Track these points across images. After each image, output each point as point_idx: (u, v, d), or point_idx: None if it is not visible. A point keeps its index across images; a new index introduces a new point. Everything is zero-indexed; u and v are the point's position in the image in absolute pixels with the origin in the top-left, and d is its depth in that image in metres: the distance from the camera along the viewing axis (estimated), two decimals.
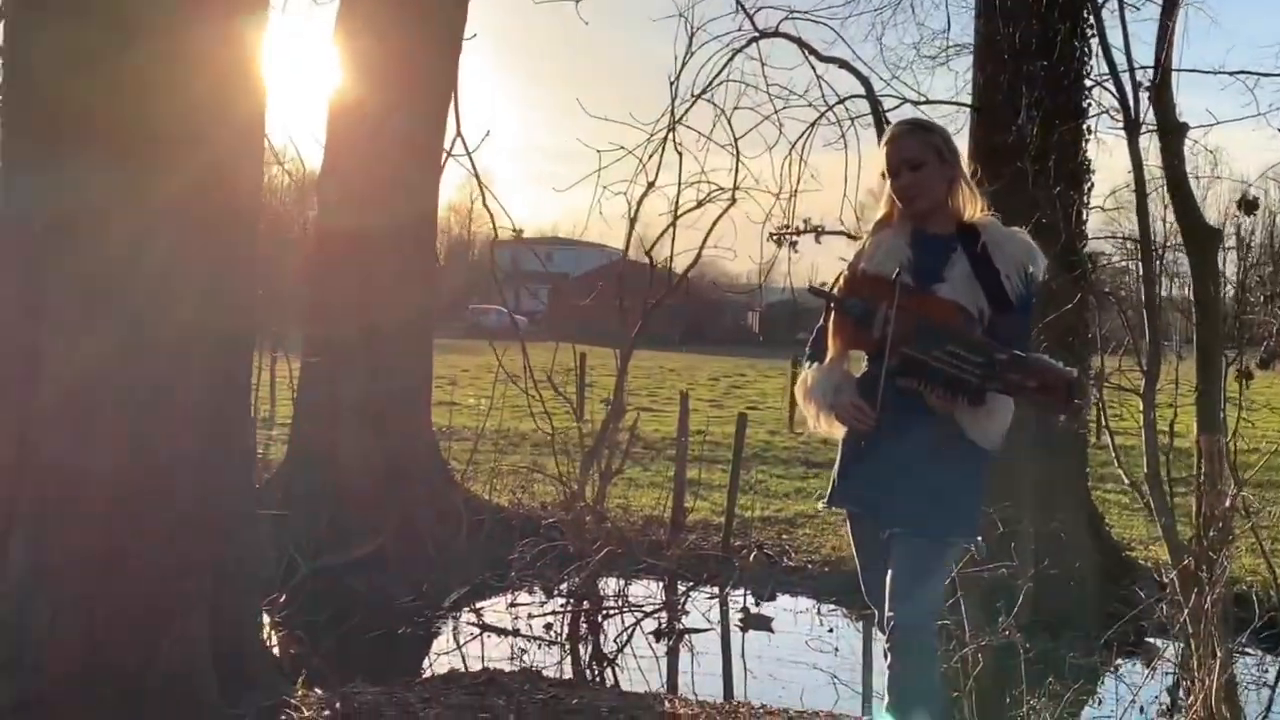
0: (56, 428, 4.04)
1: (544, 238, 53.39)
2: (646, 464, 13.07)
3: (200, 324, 4.16)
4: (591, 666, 7.43)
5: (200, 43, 4.19)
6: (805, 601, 8.93)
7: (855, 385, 3.52)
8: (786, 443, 16.49)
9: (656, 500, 10.82)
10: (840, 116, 9.15)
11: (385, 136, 9.36)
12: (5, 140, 4.34)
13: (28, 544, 4.01)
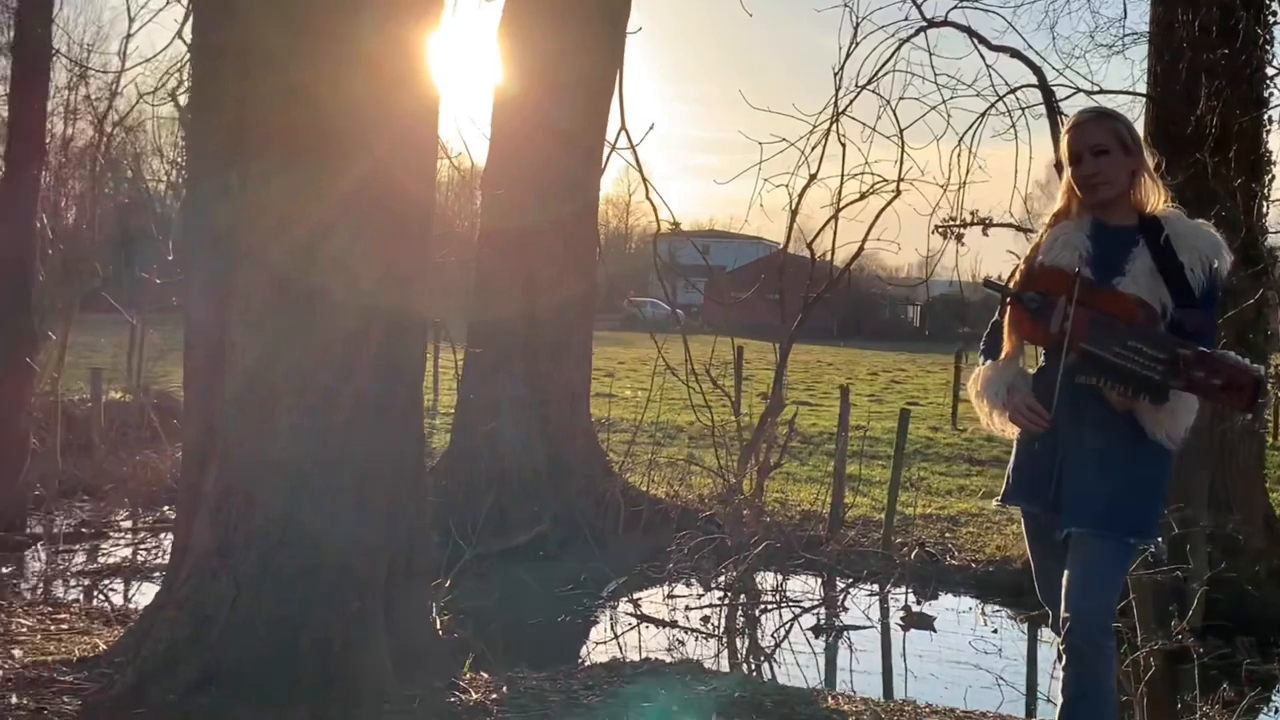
0: (240, 415, 4.20)
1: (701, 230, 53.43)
2: (804, 459, 12.99)
3: (375, 315, 4.28)
4: (749, 660, 7.43)
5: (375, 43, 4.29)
6: (968, 601, 8.78)
7: (1030, 383, 3.44)
8: (949, 439, 16.22)
9: (815, 495, 10.76)
10: (1010, 106, 8.95)
11: (548, 132, 9.49)
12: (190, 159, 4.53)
13: (213, 525, 4.17)
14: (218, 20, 4.53)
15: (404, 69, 4.43)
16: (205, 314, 4.45)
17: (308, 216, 4.21)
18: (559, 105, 9.44)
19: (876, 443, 14.00)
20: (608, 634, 7.76)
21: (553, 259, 9.71)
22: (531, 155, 9.53)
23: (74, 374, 13.07)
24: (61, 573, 8.45)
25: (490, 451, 9.43)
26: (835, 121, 8.85)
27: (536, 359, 9.77)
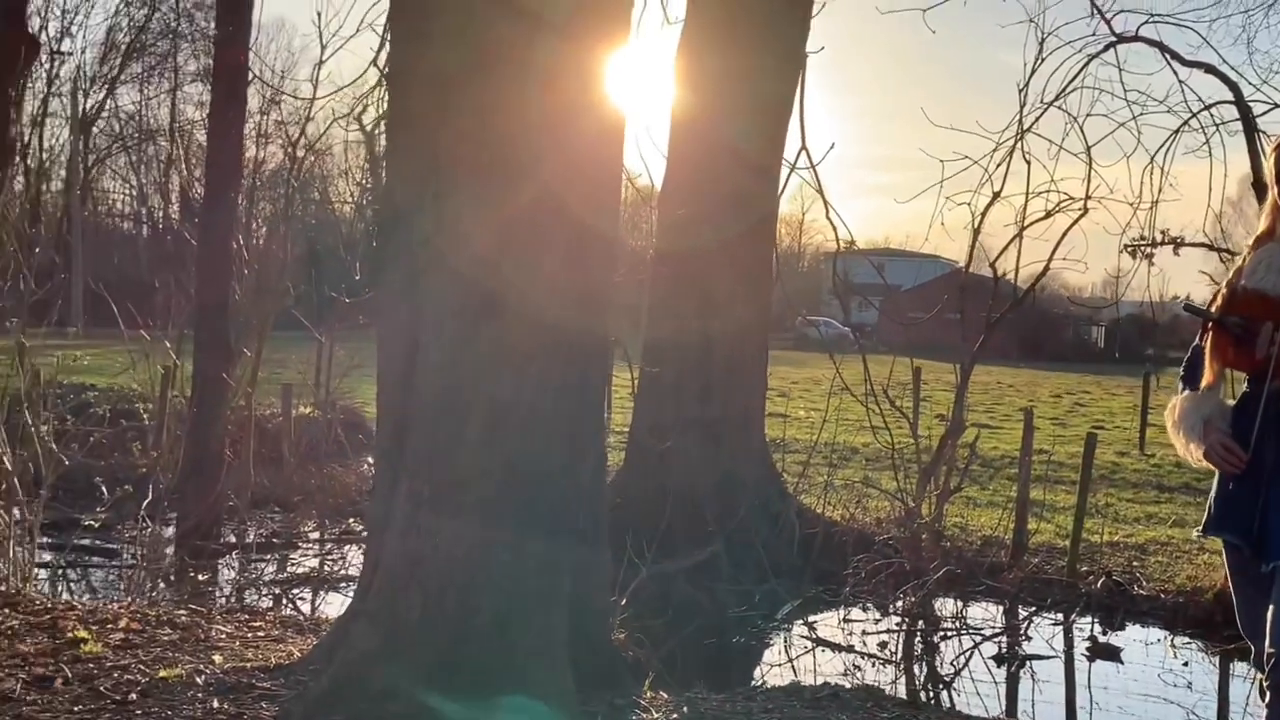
0: (429, 428, 4.30)
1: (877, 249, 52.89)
2: (985, 482, 12.70)
3: (560, 332, 4.33)
4: (928, 688, 7.29)
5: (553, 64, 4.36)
6: (1157, 632, 8.45)
7: (1228, 417, 3.30)
8: (1137, 465, 15.66)
9: (996, 521, 10.50)
10: (1204, 123, 8.64)
11: (726, 152, 9.50)
12: (386, 181, 4.68)
13: (403, 536, 4.28)
14: (412, 47, 4.67)
15: (584, 90, 4.49)
16: (396, 330, 4.58)
17: (493, 235, 4.30)
18: (737, 125, 9.45)
19: (1060, 467, 13.60)
20: (782, 657, 7.71)
21: (728, 278, 9.72)
22: (709, 175, 9.56)
23: (265, 389, 13.59)
24: (254, 581, 8.78)
25: (664, 470, 9.46)
26: (1020, 138, 8.68)
27: (711, 378, 9.78)
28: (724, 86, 9.52)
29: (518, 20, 4.29)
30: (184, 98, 53.43)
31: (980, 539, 10.04)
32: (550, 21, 4.32)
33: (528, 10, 4.28)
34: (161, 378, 11.95)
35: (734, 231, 9.50)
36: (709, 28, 9.67)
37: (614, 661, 4.83)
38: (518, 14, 4.28)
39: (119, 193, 57.20)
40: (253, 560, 9.30)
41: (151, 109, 54.46)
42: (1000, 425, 19.55)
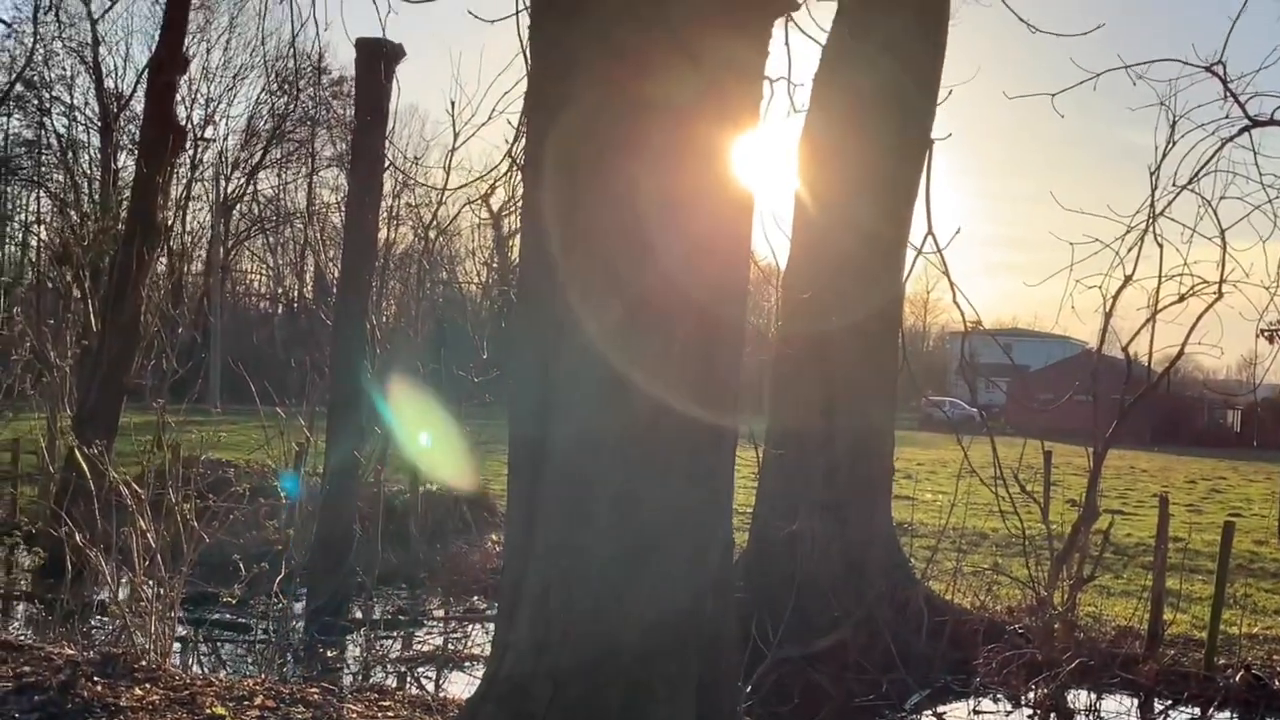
0: (559, 514, 4.36)
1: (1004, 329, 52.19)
2: (1119, 571, 12.35)
3: (688, 417, 4.37)
4: None
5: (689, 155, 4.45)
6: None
7: None
8: (1276, 554, 15.10)
9: (1131, 611, 10.20)
10: None
11: (851, 234, 9.52)
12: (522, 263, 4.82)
13: (531, 623, 4.33)
14: (546, 136, 4.79)
15: (709, 174, 4.56)
16: (527, 413, 4.66)
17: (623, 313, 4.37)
18: (862, 208, 9.46)
19: (1197, 556, 13.18)
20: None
21: (853, 360, 9.68)
22: (833, 257, 9.57)
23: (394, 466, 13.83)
24: (380, 658, 8.89)
25: (789, 554, 9.38)
26: (1152, 222, 8.55)
27: (836, 460, 9.71)
28: (848, 170, 9.57)
29: (647, 110, 4.39)
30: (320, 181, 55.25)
31: (1114, 629, 9.76)
32: (678, 110, 4.41)
33: (656, 100, 4.38)
34: (296, 455, 12.25)
35: (859, 314, 9.48)
36: (833, 114, 9.73)
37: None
38: (647, 104, 4.39)
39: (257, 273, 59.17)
40: (380, 637, 9.43)
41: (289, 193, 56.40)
42: (1134, 511, 19.03)
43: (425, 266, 16.28)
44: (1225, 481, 28.68)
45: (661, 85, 4.33)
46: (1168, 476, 28.92)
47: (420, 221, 28.65)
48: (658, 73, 4.34)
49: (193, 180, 49.62)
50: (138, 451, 10.84)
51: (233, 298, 53.94)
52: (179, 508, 7.47)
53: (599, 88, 4.44)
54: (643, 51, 4.38)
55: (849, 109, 9.68)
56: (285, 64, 48.83)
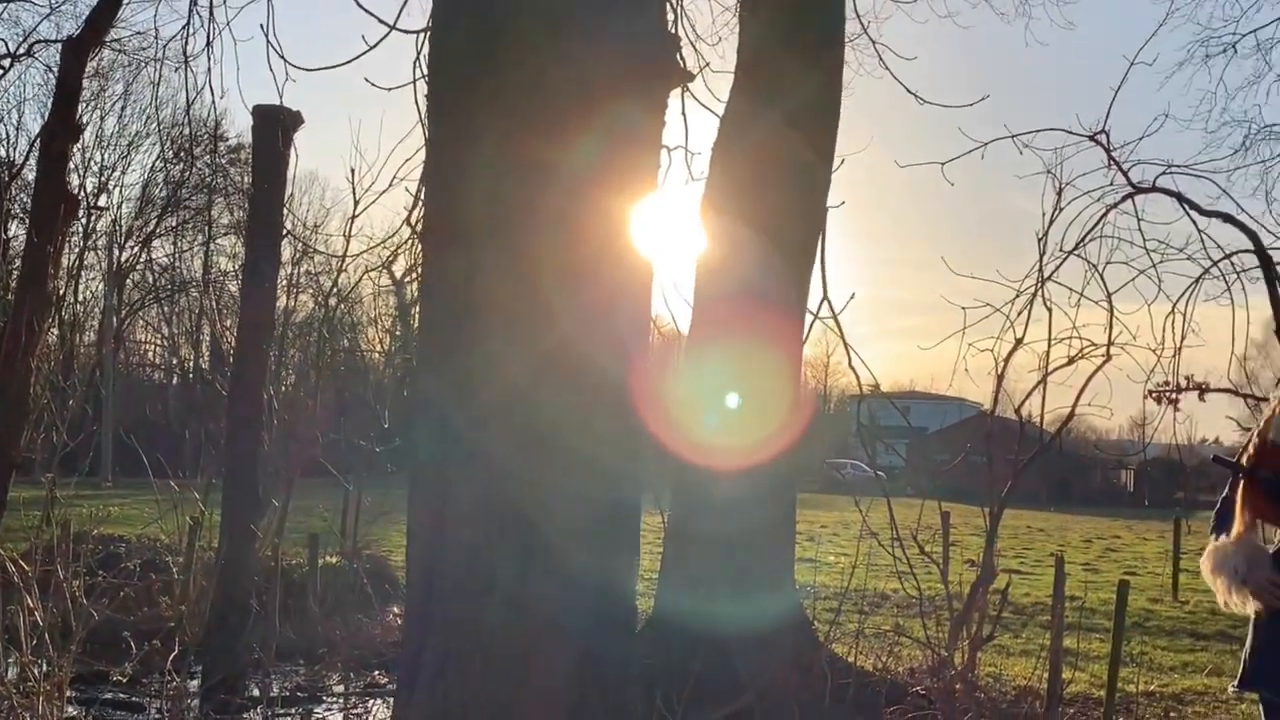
0: (460, 581, 4.30)
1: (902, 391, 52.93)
2: (1018, 630, 12.51)
3: (590, 486, 4.36)
4: None
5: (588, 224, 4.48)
6: None
7: (1270, 560, 3.29)
8: (1170, 612, 15.42)
9: (1030, 669, 10.32)
10: (1225, 271, 8.73)
11: (751, 299, 9.62)
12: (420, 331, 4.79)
13: (430, 696, 4.25)
14: (443, 204, 4.79)
15: (616, 245, 4.59)
16: (426, 482, 4.60)
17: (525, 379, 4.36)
18: (761, 274, 9.59)
19: (1093, 614, 13.41)
20: None
21: (753, 425, 9.74)
22: (734, 322, 9.66)
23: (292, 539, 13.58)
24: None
25: (695, 620, 9.35)
26: (1041, 286, 8.78)
27: (741, 524, 9.72)
28: (747, 237, 9.69)
29: (545, 176, 4.42)
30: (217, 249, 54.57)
31: (1014, 689, 9.86)
32: (576, 177, 4.44)
33: (555, 167, 4.40)
34: (190, 529, 11.97)
35: (758, 378, 9.56)
36: (733, 182, 9.88)
37: None
38: (545, 170, 4.41)
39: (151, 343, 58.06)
40: (277, 715, 9.20)
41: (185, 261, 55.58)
42: (1032, 571, 19.33)
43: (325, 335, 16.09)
44: (1120, 540, 29.27)
45: (560, 151, 4.36)
46: (1064, 535, 29.43)
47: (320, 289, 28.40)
48: (556, 139, 4.37)
49: (85, 249, 48.75)
50: (26, 527, 10.51)
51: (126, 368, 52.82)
52: (68, 584, 7.25)
53: (496, 154, 4.45)
54: (540, 118, 4.41)
55: (748, 177, 9.82)
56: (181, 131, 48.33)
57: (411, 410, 4.74)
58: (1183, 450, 10.13)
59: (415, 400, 4.78)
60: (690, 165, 9.99)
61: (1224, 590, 3.37)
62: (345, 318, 26.09)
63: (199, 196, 52.85)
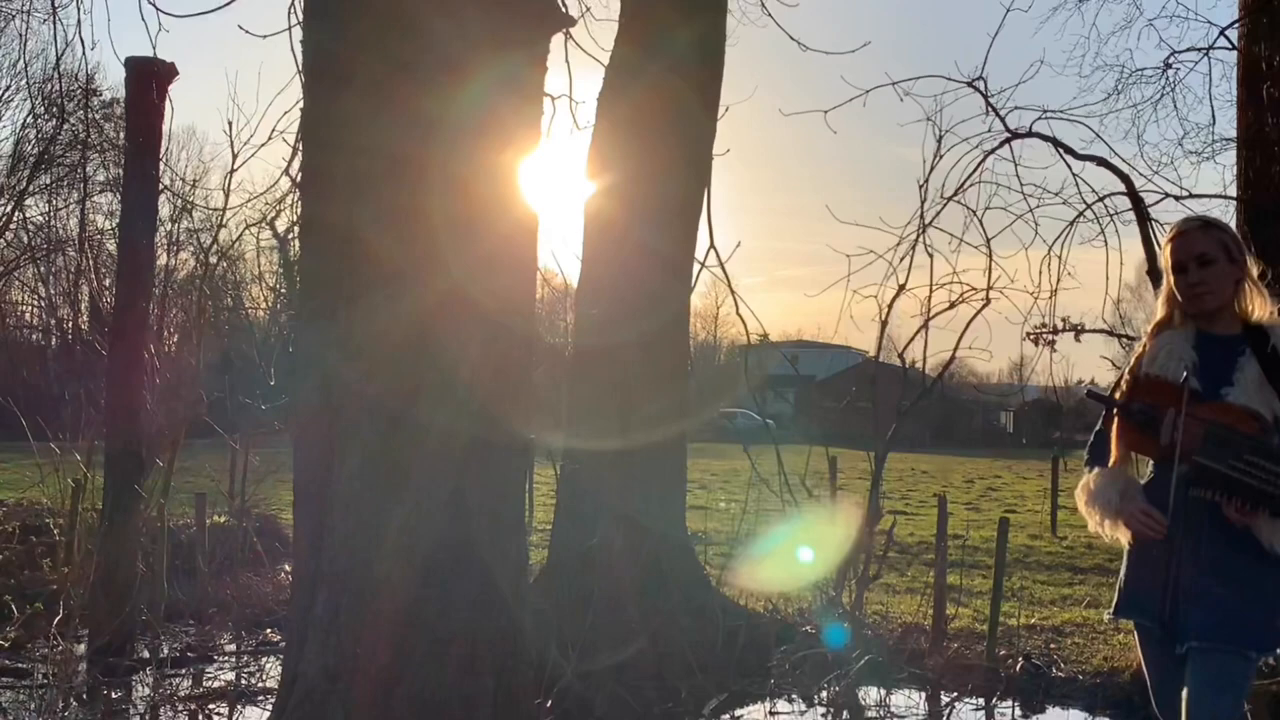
0: (347, 536, 4.29)
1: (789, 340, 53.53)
2: (903, 569, 12.81)
3: (480, 434, 4.37)
4: None
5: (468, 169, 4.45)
6: (1077, 714, 8.54)
7: (1141, 491, 3.41)
8: (1049, 548, 15.91)
9: (916, 607, 10.59)
10: (1099, 214, 8.96)
11: (637, 248, 9.65)
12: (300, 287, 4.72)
13: (322, 651, 4.24)
14: (323, 155, 4.72)
15: (499, 194, 4.58)
16: (312, 434, 4.57)
17: (410, 330, 4.34)
18: (648, 224, 9.61)
19: (976, 552, 13.78)
20: None
21: (644, 374, 9.80)
22: (622, 273, 9.68)
23: (179, 499, 13.35)
24: (169, 697, 8.55)
25: (588, 568, 9.42)
26: (922, 233, 8.93)
27: (632, 473, 9.80)
28: (633, 187, 9.70)
29: (426, 126, 4.38)
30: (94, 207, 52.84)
31: (901, 626, 10.11)
32: (457, 126, 4.41)
33: (435, 117, 4.36)
34: (72, 491, 11.70)
35: (649, 328, 9.61)
36: (617, 132, 9.86)
37: None
38: (426, 122, 4.37)
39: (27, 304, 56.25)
40: (168, 676, 9.07)
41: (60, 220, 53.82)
42: (916, 511, 19.76)
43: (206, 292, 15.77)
44: (1000, 480, 30.04)
45: (440, 100, 4.33)
46: (947, 477, 30.12)
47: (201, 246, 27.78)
48: (435, 87, 4.33)
49: None
50: None
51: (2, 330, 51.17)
52: None
53: (375, 103, 4.40)
54: (419, 66, 4.36)
55: (634, 127, 9.81)
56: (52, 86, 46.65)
57: (297, 366, 4.68)
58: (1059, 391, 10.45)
59: (300, 355, 4.73)
60: (575, 114, 9.97)
61: (1098, 521, 3.49)
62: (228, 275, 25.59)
63: (73, 153, 51.13)
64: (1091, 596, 11.84)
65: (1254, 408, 3.22)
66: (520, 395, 4.71)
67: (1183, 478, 3.22)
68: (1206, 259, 3.38)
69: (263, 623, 10.58)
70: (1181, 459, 3.22)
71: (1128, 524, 3.38)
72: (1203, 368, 3.33)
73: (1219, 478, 3.13)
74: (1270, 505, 3.07)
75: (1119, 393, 3.48)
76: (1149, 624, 3.44)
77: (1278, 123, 8.42)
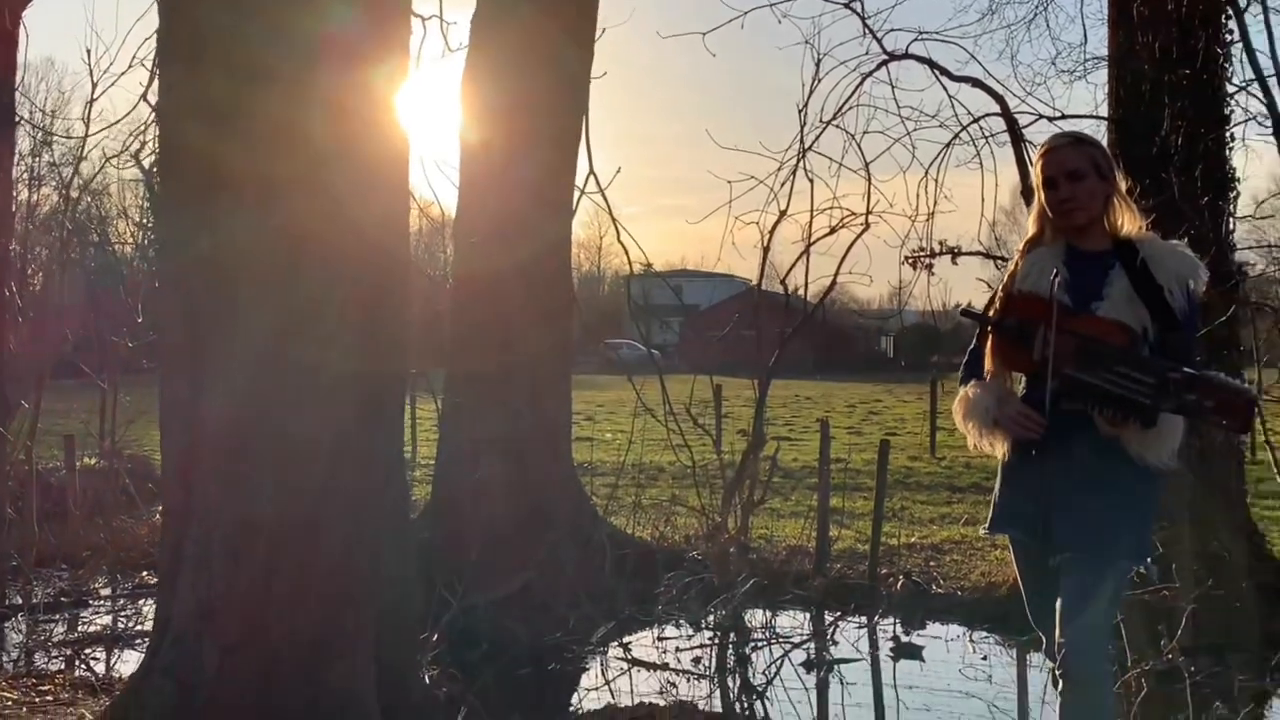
0: (218, 473, 4.16)
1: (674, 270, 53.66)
2: (787, 494, 12.97)
3: (353, 366, 4.25)
4: (742, 699, 7.38)
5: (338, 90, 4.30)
6: (956, 629, 8.76)
7: (1018, 400, 3.44)
8: (929, 468, 16.25)
9: (800, 530, 10.74)
10: (975, 136, 9.03)
11: (515, 178, 9.49)
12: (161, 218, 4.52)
13: (194, 589, 4.12)
14: (183, 80, 4.52)
15: (369, 115, 4.43)
16: (179, 373, 4.41)
17: (279, 264, 4.20)
18: (525, 151, 9.45)
19: (858, 474, 14.00)
20: (599, 680, 7.70)
21: (526, 305, 9.68)
22: (499, 201, 9.52)
23: (47, 442, 12.95)
24: (43, 643, 8.32)
25: (473, 501, 9.35)
26: (802, 158, 8.91)
27: (516, 405, 9.72)
28: (509, 113, 9.52)
29: (293, 44, 4.21)
30: None
31: (785, 549, 10.25)
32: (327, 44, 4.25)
33: (300, 33, 4.20)
34: None
35: (527, 256, 9.48)
36: (491, 55, 9.66)
37: (425, 700, 4.75)
38: (293, 38, 4.20)
39: None
40: (41, 621, 8.83)
41: None
42: (800, 437, 20.02)
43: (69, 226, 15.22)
44: (881, 404, 30.60)
45: (305, 14, 4.16)
46: (830, 402, 30.58)
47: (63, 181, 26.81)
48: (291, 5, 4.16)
49: None
50: None
51: None
52: None
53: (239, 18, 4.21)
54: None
55: (509, 51, 9.61)
56: None
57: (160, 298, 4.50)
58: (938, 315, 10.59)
59: (162, 286, 4.54)
60: (447, 36, 9.72)
61: (976, 433, 3.51)
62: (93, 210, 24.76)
63: None
64: (969, 514, 12.12)
65: (1123, 321, 3.26)
66: (398, 325, 4.60)
67: (1055, 391, 3.26)
68: (1077, 174, 3.39)
69: (138, 566, 10.35)
70: (1054, 373, 3.25)
71: (1006, 428, 3.40)
72: (1073, 283, 3.35)
73: (1090, 390, 3.17)
74: (1140, 415, 3.11)
75: (992, 310, 3.50)
76: (1023, 538, 3.49)
77: (1149, 41, 8.54)
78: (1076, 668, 3.21)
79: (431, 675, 6.61)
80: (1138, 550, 3.31)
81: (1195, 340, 3.39)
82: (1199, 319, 3.53)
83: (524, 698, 7.00)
